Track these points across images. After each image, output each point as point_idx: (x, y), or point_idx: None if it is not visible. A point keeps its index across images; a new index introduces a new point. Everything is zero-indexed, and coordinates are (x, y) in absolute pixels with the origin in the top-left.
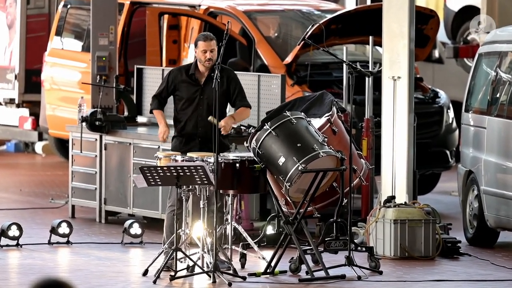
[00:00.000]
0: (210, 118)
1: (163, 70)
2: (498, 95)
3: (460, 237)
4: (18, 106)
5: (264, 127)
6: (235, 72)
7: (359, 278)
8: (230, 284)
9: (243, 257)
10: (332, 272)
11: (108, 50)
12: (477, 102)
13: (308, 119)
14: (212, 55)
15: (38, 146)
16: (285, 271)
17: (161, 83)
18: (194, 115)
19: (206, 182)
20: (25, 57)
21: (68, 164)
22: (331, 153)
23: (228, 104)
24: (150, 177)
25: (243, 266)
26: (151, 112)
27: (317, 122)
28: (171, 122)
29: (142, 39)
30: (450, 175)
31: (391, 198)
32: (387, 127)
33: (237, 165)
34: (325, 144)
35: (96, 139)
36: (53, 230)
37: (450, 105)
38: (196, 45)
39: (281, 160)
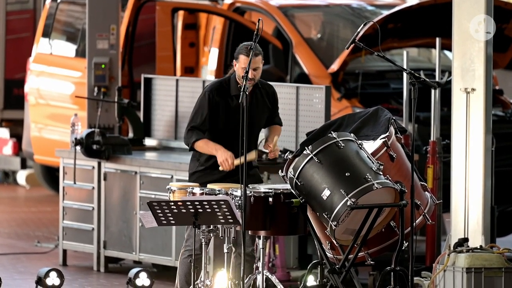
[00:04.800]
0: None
1: (177, 80)
2: None
3: None
4: None
5: (304, 152)
6: (268, 82)
7: None
8: None
9: None
10: None
11: (108, 56)
12: None
13: (359, 141)
14: (255, 74)
15: (21, 176)
16: None
17: (196, 110)
18: (235, 143)
19: (231, 220)
20: (5, 64)
21: (58, 199)
22: (388, 185)
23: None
24: (161, 215)
25: None
26: (191, 149)
27: (370, 146)
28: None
29: (151, 42)
30: None
31: (464, 241)
32: (458, 152)
33: (270, 199)
34: (381, 173)
35: (93, 167)
36: (40, 281)
37: None
38: (236, 58)
39: (326, 193)
